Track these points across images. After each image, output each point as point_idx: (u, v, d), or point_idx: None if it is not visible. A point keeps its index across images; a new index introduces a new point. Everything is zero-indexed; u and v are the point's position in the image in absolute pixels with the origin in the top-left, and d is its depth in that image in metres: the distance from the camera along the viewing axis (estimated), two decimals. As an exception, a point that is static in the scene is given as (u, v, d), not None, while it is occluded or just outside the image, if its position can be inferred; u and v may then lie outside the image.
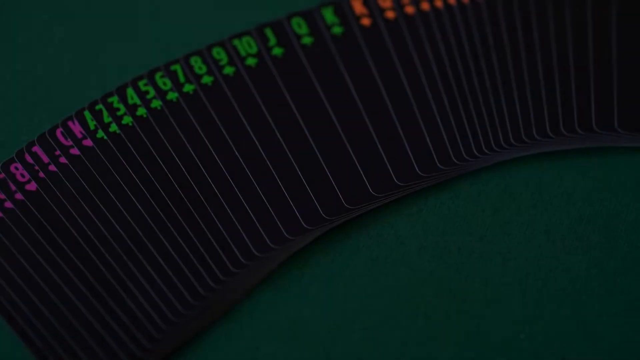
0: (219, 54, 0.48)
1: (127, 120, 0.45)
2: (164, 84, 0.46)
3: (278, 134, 0.46)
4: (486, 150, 0.46)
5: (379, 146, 0.46)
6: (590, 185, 0.46)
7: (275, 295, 0.43)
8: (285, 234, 0.43)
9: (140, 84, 0.46)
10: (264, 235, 0.43)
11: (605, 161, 0.47)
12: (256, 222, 0.43)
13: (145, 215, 0.43)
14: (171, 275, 0.42)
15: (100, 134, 0.45)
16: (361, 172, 0.45)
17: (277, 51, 0.48)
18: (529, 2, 0.50)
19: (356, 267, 0.43)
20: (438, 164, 0.46)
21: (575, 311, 0.43)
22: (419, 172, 0.45)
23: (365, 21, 0.49)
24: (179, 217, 0.43)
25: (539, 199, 0.46)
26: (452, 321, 0.43)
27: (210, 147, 0.45)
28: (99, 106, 0.46)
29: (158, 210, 0.43)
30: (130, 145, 0.45)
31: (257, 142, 0.45)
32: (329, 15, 0.49)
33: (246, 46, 0.48)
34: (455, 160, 0.46)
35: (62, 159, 0.44)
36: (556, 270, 0.44)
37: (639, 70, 0.48)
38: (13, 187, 0.44)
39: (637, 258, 0.44)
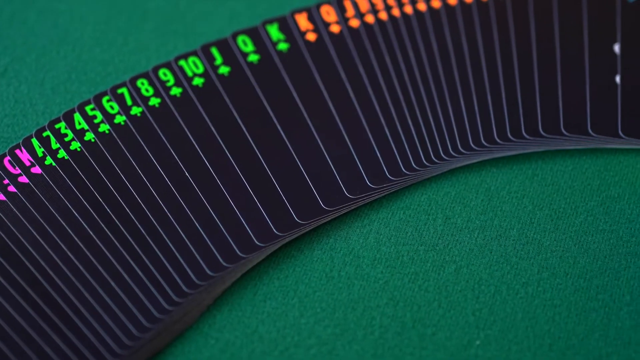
0: (165, 75, 0.48)
1: (75, 145, 0.45)
2: (111, 107, 0.46)
3: (227, 152, 0.46)
4: (435, 160, 0.47)
5: (329, 160, 0.46)
6: (539, 189, 0.46)
7: (230, 314, 0.43)
8: (238, 252, 0.43)
9: (87, 108, 0.46)
10: (217, 255, 0.43)
11: (553, 164, 0.47)
12: (209, 242, 0.43)
13: (96, 240, 0.43)
14: (125, 299, 0.42)
15: (49, 160, 0.45)
16: (312, 187, 0.45)
17: (224, 70, 0.48)
18: (472, 12, 0.51)
19: (310, 282, 0.44)
20: (388, 175, 0.46)
21: (529, 315, 0.43)
22: (370, 184, 0.46)
23: (311, 36, 0.50)
24: (131, 240, 0.43)
25: (489, 205, 0.46)
26: (408, 330, 0.43)
27: (159, 168, 0.45)
28: (47, 133, 0.45)
29: (109, 233, 0.43)
30: (79, 170, 0.45)
31: (206, 161, 0.45)
32: (274, 31, 0.50)
33: (192, 66, 0.48)
34: (405, 171, 0.46)
35: (11, 188, 0.44)
36: (508, 274, 0.44)
37: (581, 74, 0.49)
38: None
39: (588, 260, 0.45)
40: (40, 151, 0.45)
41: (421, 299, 0.43)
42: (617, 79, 0.49)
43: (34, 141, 0.45)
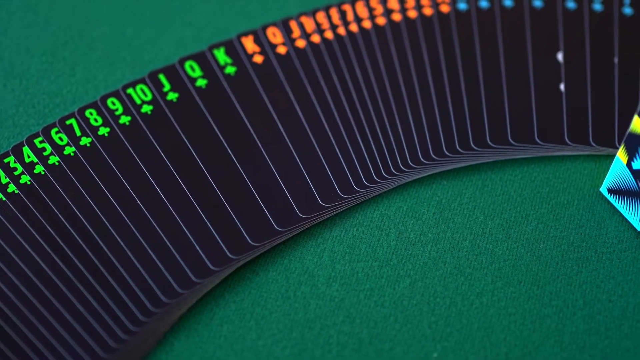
0: (113, 104, 0.48)
1: (25, 179, 0.45)
2: (60, 139, 0.46)
3: (178, 178, 0.46)
4: (386, 175, 0.47)
5: (280, 180, 0.46)
6: (490, 199, 0.47)
7: (187, 340, 0.43)
8: (192, 277, 0.43)
9: (36, 141, 0.46)
10: (172, 281, 0.43)
11: (503, 174, 0.48)
12: (162, 269, 0.43)
13: (49, 272, 0.43)
14: (80, 330, 0.42)
15: None
16: (264, 208, 0.45)
17: (172, 96, 0.48)
18: (417, 27, 0.51)
19: (267, 304, 0.44)
20: (340, 193, 0.46)
21: (484, 325, 0.43)
22: (322, 203, 0.46)
23: (258, 58, 0.50)
24: (84, 271, 0.43)
25: (441, 218, 0.46)
26: (365, 346, 0.43)
27: (110, 197, 0.45)
28: (-4, 167, 0.46)
29: (62, 265, 0.43)
30: (30, 204, 0.45)
31: (157, 188, 0.45)
32: (221, 55, 0.50)
33: (141, 94, 0.48)
34: (356, 188, 0.46)
35: (-37, 224, 0.44)
36: (463, 286, 0.45)
37: (526, 84, 0.49)
38: None
39: (540, 267, 0.45)
40: (-10, 186, 0.45)
41: (377, 315, 0.44)
42: (562, 87, 0.50)
43: (-16, 176, 0.45)
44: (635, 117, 0.44)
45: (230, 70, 0.50)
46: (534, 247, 0.46)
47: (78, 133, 0.47)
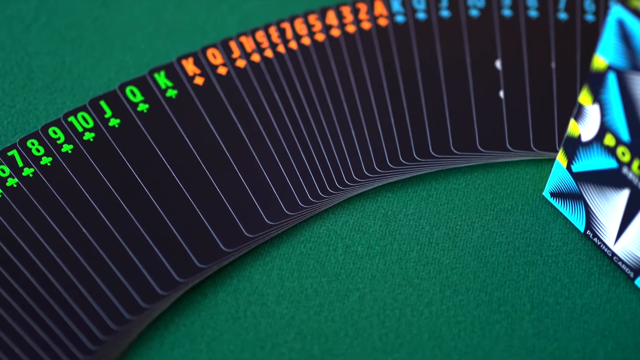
0: (55, 133, 0.48)
1: (-32, 213, 0.45)
2: (2, 171, 0.46)
3: (122, 204, 0.46)
4: (331, 190, 0.47)
5: (226, 201, 0.46)
6: (435, 209, 0.47)
7: (139, 366, 0.43)
8: (141, 303, 0.43)
9: (-22, 174, 0.46)
10: (120, 308, 0.43)
11: (447, 183, 0.48)
12: (110, 296, 0.43)
13: (-4, 306, 0.43)
14: (29, 363, 0.41)
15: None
16: (210, 229, 0.45)
17: (114, 122, 0.48)
18: (356, 42, 0.52)
19: (217, 325, 0.44)
20: (286, 210, 0.46)
21: (435, 334, 0.44)
22: (268, 221, 0.46)
23: (199, 80, 0.50)
24: (30, 302, 0.43)
25: (387, 230, 0.47)
26: (317, 363, 0.43)
27: (55, 227, 0.45)
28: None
29: (7, 297, 0.43)
30: (-26, 238, 0.44)
31: (102, 215, 0.45)
32: (161, 79, 0.50)
33: (82, 121, 0.48)
34: (302, 205, 0.47)
35: None
36: (412, 296, 0.45)
37: (466, 93, 0.50)
38: None
39: (487, 273, 0.45)
40: None
41: (328, 330, 0.44)
42: (501, 94, 0.50)
43: None
44: (572, 120, 0.44)
45: (172, 93, 0.50)
46: (480, 254, 0.46)
47: (20, 164, 0.47)
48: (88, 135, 0.48)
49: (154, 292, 0.43)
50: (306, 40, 0.52)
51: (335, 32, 0.52)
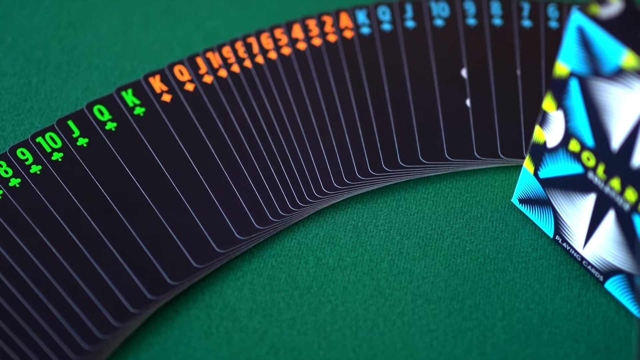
0: (23, 154, 0.48)
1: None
2: (-30, 194, 0.46)
3: (92, 222, 0.46)
4: (301, 203, 0.47)
5: (196, 217, 0.46)
6: (405, 219, 0.48)
7: (112, 385, 0.43)
8: (112, 322, 0.43)
9: (-54, 198, 0.46)
10: (92, 327, 0.43)
11: (416, 193, 0.48)
12: (82, 315, 0.43)
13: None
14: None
15: None
16: (181, 246, 0.45)
17: (82, 141, 0.48)
18: (323, 55, 0.52)
19: (190, 342, 0.44)
20: (256, 225, 0.46)
21: (407, 344, 0.44)
22: (239, 236, 0.46)
23: (166, 97, 0.50)
24: (2, 325, 0.43)
25: (358, 242, 0.47)
26: (291, 376, 0.43)
27: (25, 247, 0.45)
28: None
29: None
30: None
31: (71, 234, 0.45)
32: (129, 97, 0.50)
33: (50, 142, 0.48)
34: (272, 218, 0.47)
35: None
36: (384, 307, 0.45)
37: (433, 102, 0.50)
38: None
39: (458, 281, 0.46)
40: None
41: (301, 343, 0.44)
42: (468, 102, 0.51)
43: None
44: (537, 127, 0.45)
45: (139, 111, 0.50)
46: (451, 262, 0.46)
47: (-12, 186, 0.47)
48: (56, 156, 0.48)
49: (125, 310, 0.43)
50: (273, 55, 0.52)
51: (302, 46, 0.52)
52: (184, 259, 0.45)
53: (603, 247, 0.45)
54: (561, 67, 0.42)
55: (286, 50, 0.52)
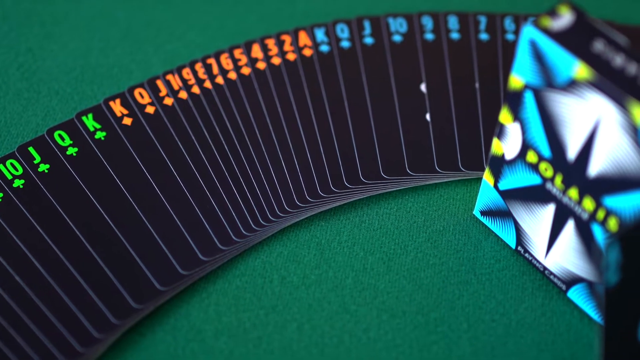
0: (-16, 182, 0.48)
1: None
2: None
3: (54, 247, 0.45)
4: (264, 222, 0.47)
5: (159, 240, 0.46)
6: (368, 234, 0.48)
7: (79, 411, 0.42)
8: (77, 347, 0.43)
9: None
10: (56, 353, 0.43)
11: (379, 209, 0.49)
12: (45, 341, 0.43)
13: None
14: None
15: None
16: (144, 269, 0.45)
17: (44, 167, 0.48)
18: (282, 73, 0.52)
19: (156, 364, 0.44)
20: (220, 246, 0.47)
21: (374, 359, 0.44)
22: (203, 258, 0.46)
23: (127, 120, 0.50)
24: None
25: (322, 259, 0.47)
26: (259, 396, 0.43)
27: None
28: None
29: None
30: None
31: (33, 260, 0.45)
32: (89, 122, 0.50)
33: (11, 169, 0.48)
34: (235, 239, 0.47)
35: None
36: (349, 323, 0.45)
37: (394, 117, 0.51)
38: None
39: (423, 295, 0.46)
40: None
41: (267, 362, 0.44)
42: (428, 116, 0.51)
43: None
44: (495, 139, 0.45)
45: (100, 135, 0.50)
46: (415, 276, 0.47)
47: (-51, 215, 0.46)
48: (17, 182, 0.48)
49: (90, 335, 0.43)
50: (232, 75, 0.52)
51: (261, 65, 0.52)
52: (149, 282, 0.45)
53: (564, 256, 0.45)
54: (515, 80, 0.42)
55: (246, 70, 0.52)
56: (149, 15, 0.55)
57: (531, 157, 0.44)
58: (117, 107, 0.51)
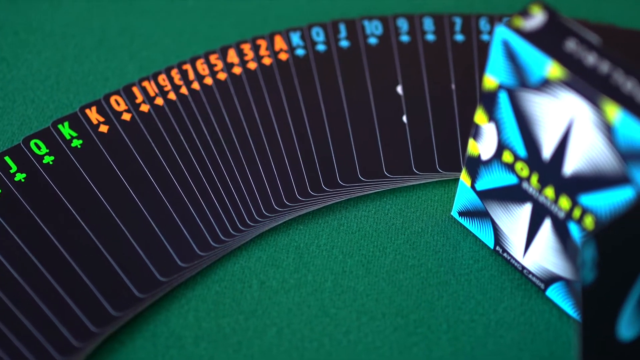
0: (-40, 192, 0.47)
1: None
2: None
3: (32, 256, 0.45)
4: (242, 227, 0.47)
5: (137, 247, 0.46)
6: (347, 237, 0.48)
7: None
8: (56, 356, 0.43)
9: None
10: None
11: (357, 211, 0.49)
12: (23, 350, 0.43)
13: None
14: None
15: None
16: (123, 276, 0.45)
17: (20, 177, 0.48)
18: (258, 77, 0.52)
19: (136, 372, 0.44)
20: (198, 251, 0.46)
21: (353, 362, 0.44)
22: (181, 264, 0.46)
23: (104, 128, 0.50)
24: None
25: (300, 262, 0.47)
26: (239, 401, 0.43)
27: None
28: None
29: None
30: None
31: (10, 268, 0.45)
32: (65, 130, 0.50)
33: (-13, 178, 0.48)
34: (214, 244, 0.47)
35: None
36: (329, 326, 0.45)
37: (370, 120, 0.51)
38: None
39: (402, 297, 0.46)
40: None
41: (248, 367, 0.44)
42: (404, 118, 0.51)
43: None
44: (471, 140, 0.45)
45: (77, 143, 0.50)
46: (394, 278, 0.47)
47: None
48: (-6, 192, 0.48)
49: (68, 344, 0.43)
50: (209, 80, 0.52)
51: (237, 70, 0.52)
52: (127, 290, 0.45)
53: (542, 255, 0.45)
54: (489, 81, 0.43)
55: (222, 76, 0.52)
56: (123, 22, 0.55)
57: (507, 157, 0.44)
58: (93, 115, 0.50)
